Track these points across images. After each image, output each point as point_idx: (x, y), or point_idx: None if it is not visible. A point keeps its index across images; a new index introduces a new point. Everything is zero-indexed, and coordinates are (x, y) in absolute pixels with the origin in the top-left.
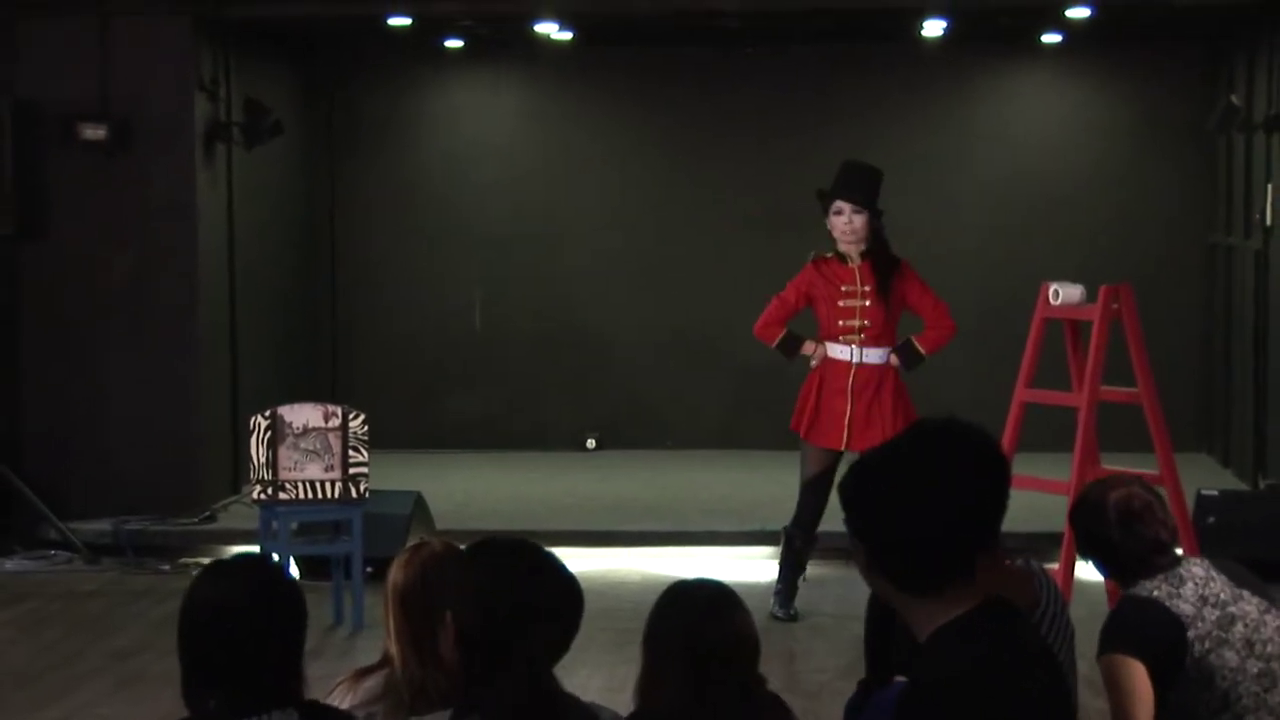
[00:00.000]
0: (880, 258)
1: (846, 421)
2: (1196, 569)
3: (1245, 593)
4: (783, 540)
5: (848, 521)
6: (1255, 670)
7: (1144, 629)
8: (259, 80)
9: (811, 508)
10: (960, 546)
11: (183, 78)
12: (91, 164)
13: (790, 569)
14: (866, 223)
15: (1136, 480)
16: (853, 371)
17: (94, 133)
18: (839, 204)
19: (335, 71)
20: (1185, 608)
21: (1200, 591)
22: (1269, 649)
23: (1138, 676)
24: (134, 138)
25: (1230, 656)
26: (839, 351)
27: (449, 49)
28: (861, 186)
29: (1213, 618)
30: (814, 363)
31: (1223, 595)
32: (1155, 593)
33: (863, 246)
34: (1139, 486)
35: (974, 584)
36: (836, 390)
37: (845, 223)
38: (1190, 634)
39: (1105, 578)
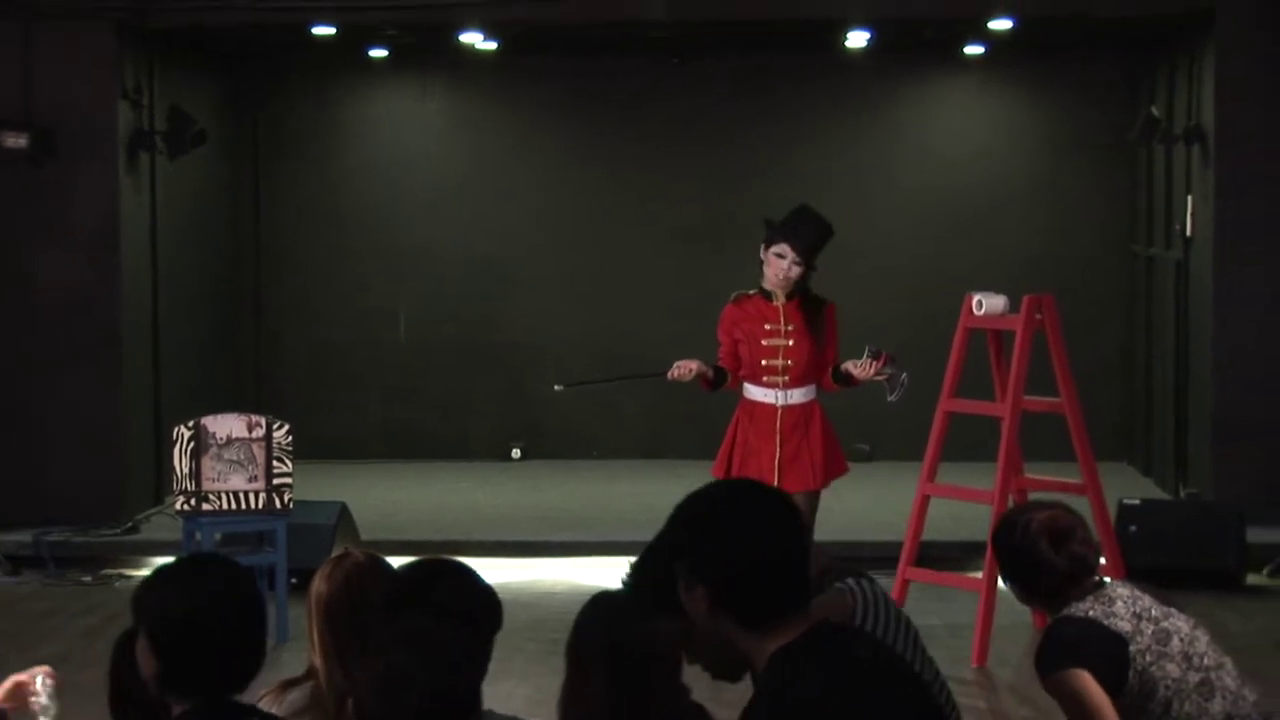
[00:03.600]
0: (807, 297)
1: (775, 464)
2: (1122, 589)
3: (1173, 610)
4: None
5: (681, 565)
6: (1196, 680)
7: (1088, 645)
8: (183, 89)
9: None
10: (798, 572)
11: (106, 86)
12: (13, 172)
13: None
14: (802, 275)
15: (1057, 503)
16: (779, 414)
17: (15, 141)
18: (783, 247)
19: (260, 81)
20: (1122, 625)
21: (1132, 609)
22: (1205, 661)
23: (1093, 686)
24: (57, 146)
25: (1171, 668)
26: (763, 395)
27: (374, 58)
28: (811, 238)
29: (1149, 632)
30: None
31: (1154, 611)
32: (1090, 612)
33: (789, 287)
34: (1061, 509)
35: (809, 611)
36: (764, 435)
37: (784, 268)
38: (1132, 648)
39: (1029, 603)
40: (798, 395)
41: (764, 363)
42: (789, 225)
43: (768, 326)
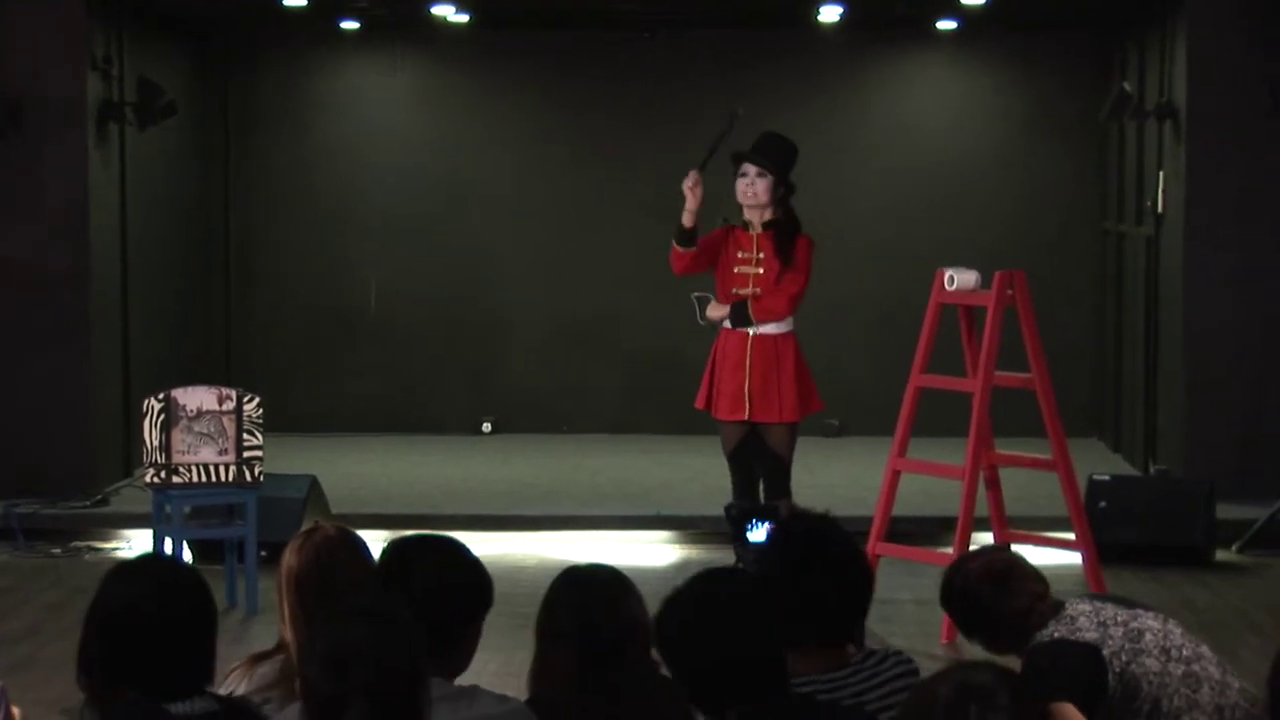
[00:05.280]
0: (783, 230)
1: (745, 392)
2: (1082, 605)
3: (1139, 610)
4: (726, 518)
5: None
6: (1179, 673)
7: (1063, 668)
8: (153, 60)
9: (740, 481)
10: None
11: (75, 57)
12: None
13: (739, 543)
14: (769, 189)
15: (988, 547)
16: (749, 344)
17: None
18: (744, 165)
19: (231, 52)
20: (1089, 635)
21: (1095, 619)
22: (1184, 652)
23: (1076, 717)
24: (26, 117)
25: (1150, 663)
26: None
27: (345, 30)
28: (769, 151)
29: (1119, 634)
30: (704, 318)
31: (1120, 615)
32: (1055, 634)
33: (766, 215)
34: (993, 550)
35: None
36: (735, 363)
37: (747, 184)
38: (1106, 652)
39: (998, 650)
40: (768, 326)
41: (734, 291)
42: (752, 148)
43: (740, 255)
